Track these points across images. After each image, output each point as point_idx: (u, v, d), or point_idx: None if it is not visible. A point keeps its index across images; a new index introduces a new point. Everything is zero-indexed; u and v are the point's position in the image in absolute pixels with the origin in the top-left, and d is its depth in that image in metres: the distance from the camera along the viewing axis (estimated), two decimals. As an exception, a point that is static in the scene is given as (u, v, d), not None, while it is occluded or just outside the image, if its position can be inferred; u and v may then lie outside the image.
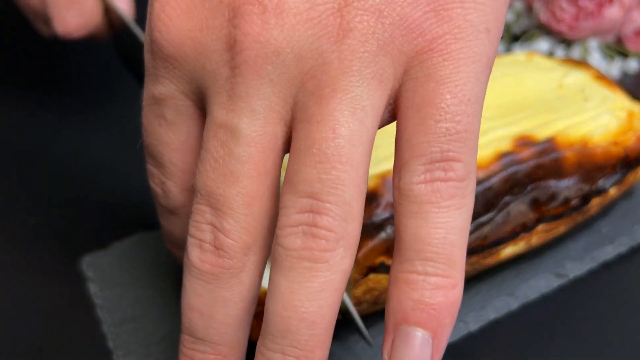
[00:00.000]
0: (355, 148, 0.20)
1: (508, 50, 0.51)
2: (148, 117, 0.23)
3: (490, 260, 0.31)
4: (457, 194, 0.20)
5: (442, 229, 0.20)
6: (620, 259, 0.34)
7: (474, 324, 0.30)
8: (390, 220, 0.28)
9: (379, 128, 0.21)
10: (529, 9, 0.52)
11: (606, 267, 0.33)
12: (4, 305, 0.32)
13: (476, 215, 0.29)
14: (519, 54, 0.39)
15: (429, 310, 0.20)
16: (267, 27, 0.20)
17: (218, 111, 0.21)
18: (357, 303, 0.29)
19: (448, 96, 0.20)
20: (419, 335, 0.20)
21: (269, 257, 0.22)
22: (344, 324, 0.30)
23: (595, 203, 0.32)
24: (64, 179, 0.39)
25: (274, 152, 0.21)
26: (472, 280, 0.32)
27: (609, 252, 0.34)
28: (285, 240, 0.20)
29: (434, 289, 0.20)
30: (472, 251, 0.30)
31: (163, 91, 0.22)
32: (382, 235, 0.28)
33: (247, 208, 0.21)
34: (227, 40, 0.20)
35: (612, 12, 0.48)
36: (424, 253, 0.20)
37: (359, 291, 0.28)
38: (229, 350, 0.23)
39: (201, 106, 0.22)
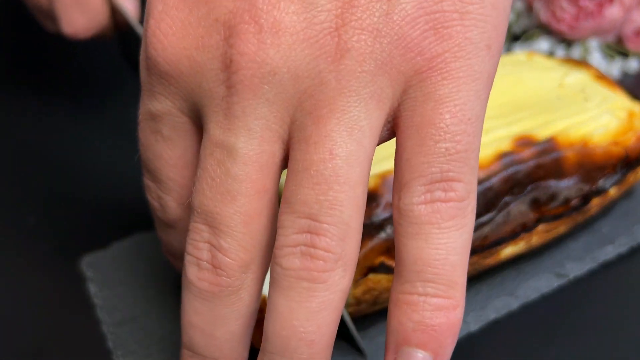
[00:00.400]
0: (353, 168, 0.20)
1: (508, 50, 0.51)
2: (145, 132, 0.23)
3: (490, 260, 0.31)
4: (457, 214, 0.20)
5: (442, 250, 0.20)
6: (621, 259, 0.34)
7: (474, 324, 0.30)
8: (390, 220, 0.28)
9: (378, 145, 0.21)
10: (529, 9, 0.52)
11: (606, 267, 0.33)
12: (4, 305, 0.32)
13: (476, 215, 0.29)
14: (519, 53, 0.39)
15: (430, 331, 0.20)
16: (263, 47, 0.20)
17: (215, 130, 0.21)
18: (357, 303, 0.29)
19: (447, 116, 0.20)
20: (420, 357, 0.20)
21: (268, 269, 0.22)
22: (342, 328, 0.30)
23: (596, 203, 0.32)
24: (63, 178, 0.39)
25: (271, 170, 0.21)
26: (472, 280, 0.32)
27: (609, 252, 0.34)
28: (284, 261, 0.20)
29: (434, 310, 0.20)
30: (472, 251, 0.30)
31: (159, 107, 0.22)
32: (382, 235, 0.28)
33: (244, 226, 0.21)
34: (223, 59, 0.20)
35: (613, 12, 0.48)
36: (425, 274, 0.20)
37: (358, 291, 0.28)
38: None
39: (198, 122, 0.22)
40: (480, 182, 0.30)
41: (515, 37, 0.52)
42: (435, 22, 0.20)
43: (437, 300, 0.20)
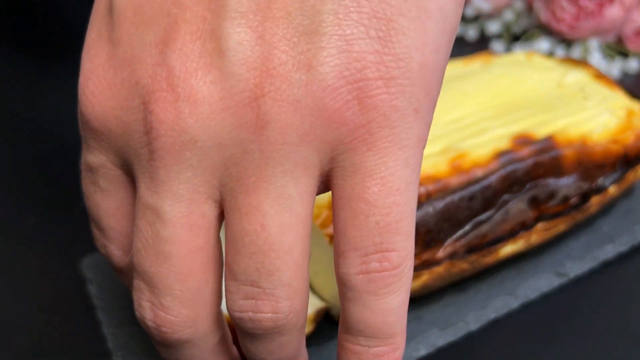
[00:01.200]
0: (286, 235, 0.20)
1: (508, 50, 0.51)
2: (85, 183, 0.23)
3: (489, 258, 0.31)
4: (393, 281, 0.21)
5: (380, 314, 0.21)
6: (621, 258, 0.33)
7: (474, 324, 0.30)
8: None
9: (317, 195, 0.21)
10: (529, 9, 0.52)
11: (607, 266, 0.33)
12: (4, 305, 0.32)
13: (475, 213, 0.29)
14: (519, 53, 0.39)
15: None
16: (181, 116, 0.19)
17: (143, 191, 0.21)
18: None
19: (375, 189, 0.20)
20: None
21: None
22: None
23: (595, 201, 0.32)
24: (64, 179, 0.39)
25: (203, 229, 0.21)
26: (472, 279, 0.32)
27: (610, 251, 0.34)
28: (237, 321, 0.21)
29: (376, 357, 0.22)
30: (471, 249, 0.30)
31: (95, 160, 0.22)
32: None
33: (182, 285, 0.21)
34: (144, 123, 0.20)
35: (613, 12, 0.48)
36: (366, 332, 0.22)
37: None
38: None
39: (132, 176, 0.22)
40: (478, 180, 0.30)
41: (515, 37, 0.52)
42: (359, 91, 0.19)
43: (378, 349, 0.22)
